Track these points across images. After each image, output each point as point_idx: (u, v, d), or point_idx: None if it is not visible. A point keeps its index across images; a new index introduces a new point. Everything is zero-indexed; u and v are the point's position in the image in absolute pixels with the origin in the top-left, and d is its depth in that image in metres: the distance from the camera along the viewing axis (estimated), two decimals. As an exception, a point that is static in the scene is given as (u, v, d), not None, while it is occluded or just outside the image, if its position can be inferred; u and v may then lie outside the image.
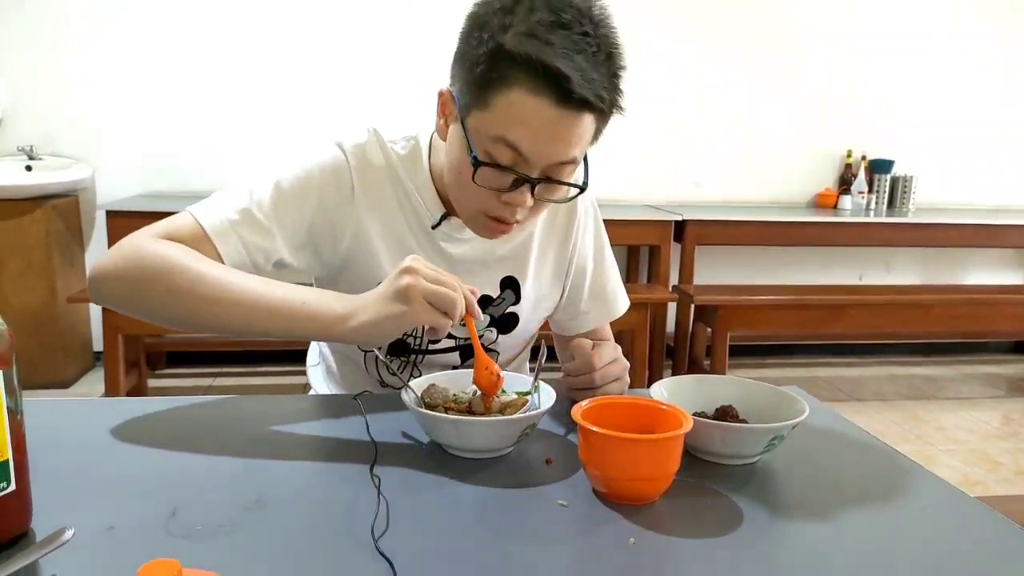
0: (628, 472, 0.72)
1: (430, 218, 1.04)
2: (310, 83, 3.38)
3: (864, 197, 3.80)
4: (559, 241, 1.14)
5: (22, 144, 3.23)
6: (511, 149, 0.86)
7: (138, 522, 0.67)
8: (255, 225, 0.95)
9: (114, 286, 0.90)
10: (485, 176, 0.89)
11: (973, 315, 3.48)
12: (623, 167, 3.70)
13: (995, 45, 3.90)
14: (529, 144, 0.86)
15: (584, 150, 0.91)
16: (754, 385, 0.92)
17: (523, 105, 0.84)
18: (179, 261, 0.88)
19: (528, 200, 0.90)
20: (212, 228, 0.93)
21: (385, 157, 1.04)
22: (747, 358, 3.89)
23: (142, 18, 3.26)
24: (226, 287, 0.87)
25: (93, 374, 3.36)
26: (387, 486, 0.74)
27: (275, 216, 0.96)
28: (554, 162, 0.88)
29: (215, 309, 0.87)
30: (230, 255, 0.94)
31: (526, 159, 0.87)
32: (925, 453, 2.83)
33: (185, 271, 0.87)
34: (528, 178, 0.88)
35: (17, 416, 0.62)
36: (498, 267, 1.10)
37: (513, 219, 0.93)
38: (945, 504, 0.78)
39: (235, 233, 0.94)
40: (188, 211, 0.96)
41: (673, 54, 3.66)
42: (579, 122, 0.86)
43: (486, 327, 1.12)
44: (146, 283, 0.88)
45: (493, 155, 0.87)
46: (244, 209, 0.95)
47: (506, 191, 0.89)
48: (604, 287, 1.20)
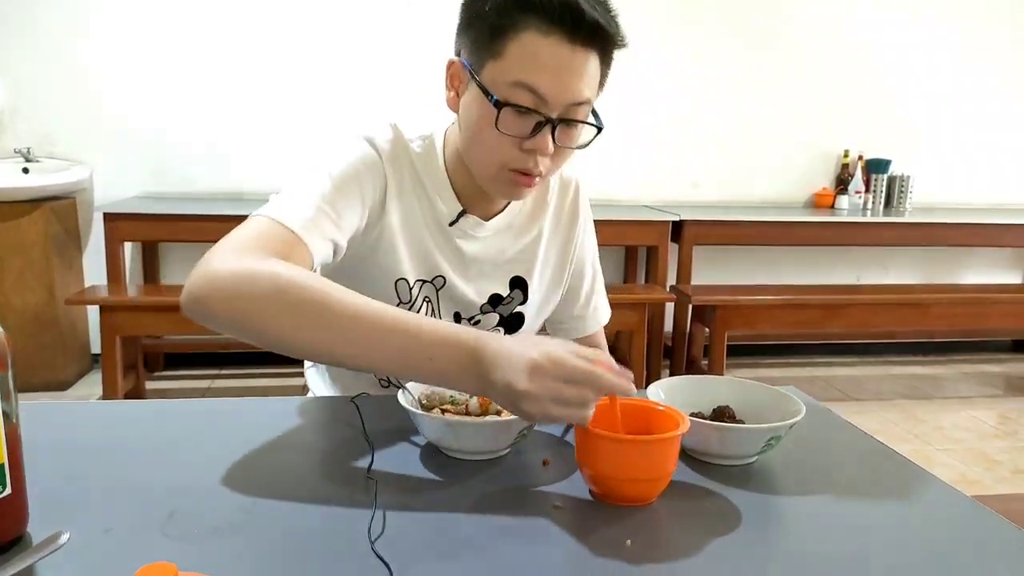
0: (624, 473, 0.72)
1: (447, 215, 1.05)
2: (308, 85, 3.38)
3: (861, 197, 3.80)
4: (562, 242, 1.17)
5: (20, 146, 3.23)
6: (530, 92, 0.89)
7: (135, 525, 0.67)
8: (328, 219, 0.92)
9: (222, 306, 0.78)
10: (507, 121, 0.91)
11: (971, 314, 3.49)
12: (620, 167, 3.70)
13: (992, 44, 3.90)
14: (547, 83, 0.88)
15: (595, 94, 0.94)
16: (751, 385, 0.92)
17: (536, 45, 0.87)
18: (300, 277, 0.78)
19: (549, 144, 0.92)
20: (302, 229, 0.88)
21: (407, 153, 1.04)
22: (745, 358, 3.90)
23: (140, 20, 3.26)
24: (359, 310, 0.77)
25: (91, 376, 3.35)
26: (383, 488, 0.74)
27: (338, 208, 0.94)
28: (571, 102, 0.91)
29: (339, 332, 0.76)
30: (320, 253, 0.90)
31: (545, 100, 0.89)
32: (923, 452, 2.83)
33: (309, 287, 0.78)
34: (549, 118, 0.90)
35: (12, 420, 0.62)
36: (508, 266, 1.12)
37: (536, 170, 0.94)
38: (942, 504, 0.78)
39: (317, 230, 0.90)
40: (266, 215, 0.88)
41: (670, 54, 3.66)
42: (589, 58, 0.90)
43: (495, 326, 1.13)
44: (262, 301, 0.77)
45: (513, 99, 0.89)
46: (317, 206, 0.91)
47: (527, 138, 0.91)
48: (598, 293, 1.24)
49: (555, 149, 0.93)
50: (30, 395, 2.98)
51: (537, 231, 1.13)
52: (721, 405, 0.89)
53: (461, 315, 1.11)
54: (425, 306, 1.09)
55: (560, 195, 1.16)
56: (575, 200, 1.18)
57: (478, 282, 1.10)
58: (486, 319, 1.12)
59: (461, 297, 1.09)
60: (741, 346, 3.90)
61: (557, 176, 1.15)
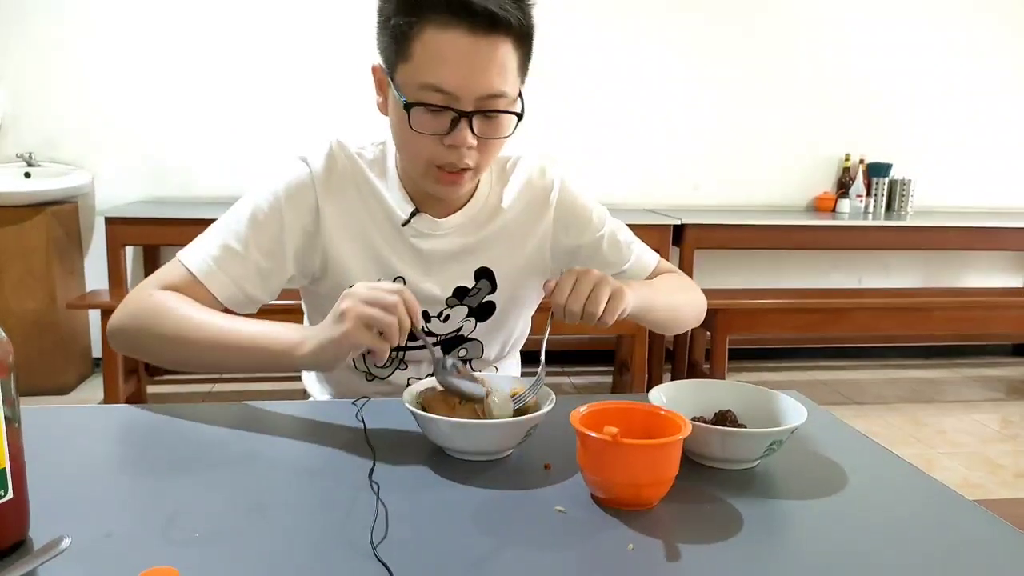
0: (626, 477, 0.72)
1: (400, 216, 1.06)
2: (307, 90, 3.39)
3: (862, 200, 3.80)
4: (536, 224, 1.14)
5: (21, 151, 3.23)
6: (438, 92, 0.90)
7: (136, 529, 0.67)
8: (236, 257, 1.01)
9: (121, 338, 0.99)
10: (420, 120, 0.92)
11: (972, 318, 3.48)
12: (621, 171, 3.70)
13: (992, 49, 3.91)
14: (453, 80, 0.89)
15: (514, 84, 0.94)
16: (753, 389, 0.92)
17: (437, 42, 0.89)
18: (168, 309, 0.96)
19: (468, 138, 0.93)
20: (199, 270, 1.00)
21: (350, 163, 1.07)
22: (746, 361, 3.89)
23: (141, 25, 3.27)
24: (203, 330, 0.94)
25: (92, 380, 3.35)
26: (385, 492, 0.74)
27: (254, 242, 1.02)
28: (482, 94, 0.91)
29: (201, 351, 0.94)
30: (221, 292, 1.00)
31: (455, 96, 0.90)
32: (925, 456, 2.83)
33: (172, 318, 0.95)
34: (462, 112, 0.91)
35: (15, 424, 0.62)
36: (471, 259, 1.11)
37: (462, 163, 0.95)
38: (945, 508, 0.78)
39: (220, 270, 1.00)
40: (177, 257, 1.02)
41: (670, 58, 3.67)
42: (496, 48, 0.90)
43: (464, 317, 1.13)
44: (144, 332, 0.97)
45: (423, 100, 0.91)
46: (223, 244, 1.01)
47: (446, 134, 0.93)
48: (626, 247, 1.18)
49: (479, 142, 0.94)
50: (31, 399, 2.98)
51: (501, 219, 1.12)
52: (723, 409, 0.89)
53: (429, 313, 1.11)
54: None
55: (528, 184, 1.14)
56: (545, 186, 1.14)
57: (442, 278, 1.10)
58: (454, 312, 1.12)
59: (425, 295, 1.08)
60: (743, 350, 3.89)
61: (522, 167, 1.15)
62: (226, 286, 1.00)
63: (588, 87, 3.57)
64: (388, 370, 1.13)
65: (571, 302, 0.91)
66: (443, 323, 1.12)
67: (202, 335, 0.94)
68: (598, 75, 3.57)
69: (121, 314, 0.99)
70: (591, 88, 3.57)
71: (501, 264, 1.12)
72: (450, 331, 1.13)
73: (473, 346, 1.15)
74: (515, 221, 1.13)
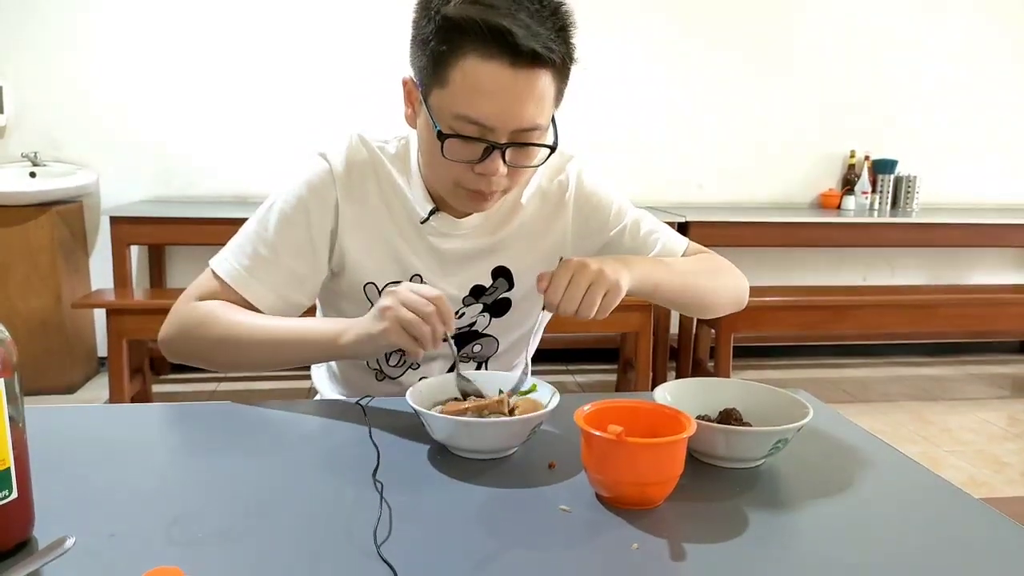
0: (631, 476, 0.72)
1: (420, 214, 1.06)
2: (312, 88, 3.38)
3: (868, 197, 3.79)
4: (554, 220, 1.13)
5: (26, 151, 3.24)
6: (474, 124, 0.89)
7: (140, 530, 0.67)
8: (269, 265, 1.02)
9: (173, 348, 1.03)
10: (453, 149, 0.91)
11: (978, 315, 3.47)
12: (626, 169, 3.69)
13: (998, 44, 3.89)
14: (490, 113, 0.88)
15: (548, 113, 0.93)
16: (758, 388, 0.91)
17: (477, 73, 0.86)
18: (215, 316, 0.99)
19: (500, 168, 0.92)
20: (234, 281, 1.02)
21: (372, 157, 1.07)
22: (751, 359, 3.88)
23: (146, 24, 3.27)
24: (248, 330, 0.98)
25: (98, 379, 3.36)
26: (389, 491, 0.74)
27: (284, 248, 1.03)
28: (518, 128, 0.90)
29: (250, 351, 0.99)
30: (260, 301, 1.02)
31: (491, 128, 0.89)
32: (931, 454, 2.82)
33: (221, 324, 0.99)
34: (495, 144, 0.90)
35: (19, 424, 0.62)
36: (489, 258, 1.11)
37: (490, 190, 0.95)
38: (951, 507, 0.77)
39: (254, 279, 1.02)
40: (211, 267, 1.05)
41: (676, 54, 3.66)
42: (535, 82, 0.88)
43: (479, 313, 1.13)
44: (195, 340, 1.01)
45: (457, 130, 0.89)
46: (255, 252, 1.02)
47: (477, 162, 0.92)
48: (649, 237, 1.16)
49: (509, 169, 0.93)
50: (36, 399, 2.99)
51: (519, 218, 1.11)
52: (728, 408, 0.88)
53: None
54: None
55: (544, 181, 1.13)
56: (563, 181, 1.13)
57: (459, 277, 1.10)
58: (470, 310, 1.12)
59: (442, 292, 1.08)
60: (747, 347, 3.89)
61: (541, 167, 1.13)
62: (264, 295, 1.02)
63: (593, 86, 3.56)
64: (399, 370, 1.13)
65: (565, 303, 0.91)
66: (458, 319, 1.12)
67: (251, 336, 0.98)
68: (602, 73, 3.57)
69: (169, 326, 1.03)
70: (595, 86, 3.56)
71: (518, 262, 1.12)
72: (463, 326, 1.13)
73: (488, 342, 1.15)
74: (532, 219, 1.12)
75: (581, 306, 0.91)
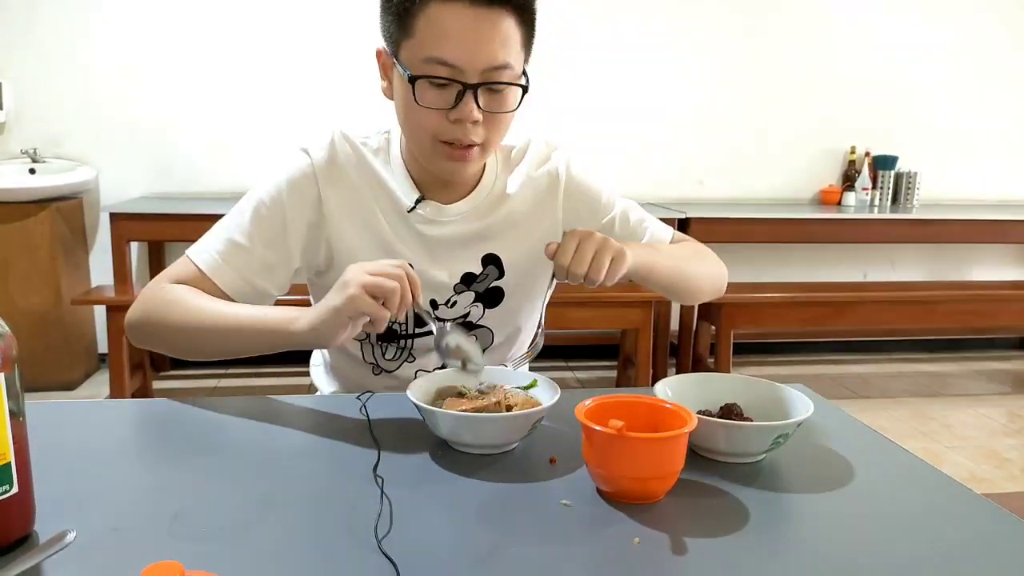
0: (632, 471, 0.72)
1: (406, 203, 1.07)
2: (312, 83, 3.38)
3: (868, 193, 3.78)
4: (544, 209, 1.14)
5: (26, 147, 3.24)
6: (441, 64, 0.91)
7: (141, 524, 0.67)
8: (241, 251, 1.03)
9: (136, 332, 1.02)
10: (426, 95, 0.93)
11: (979, 311, 3.47)
12: (626, 165, 3.69)
13: (998, 39, 3.88)
14: (456, 52, 0.90)
15: (517, 58, 0.95)
16: (758, 383, 0.91)
17: (440, 16, 0.90)
18: (176, 300, 0.98)
19: (474, 112, 0.93)
20: (206, 265, 1.02)
21: (354, 152, 1.08)
22: (751, 355, 3.88)
23: (145, 21, 3.27)
24: (208, 316, 0.96)
25: (98, 376, 3.36)
26: (390, 486, 0.74)
27: (258, 236, 1.03)
28: (487, 66, 0.92)
29: (207, 337, 0.97)
30: (229, 286, 1.02)
31: (460, 69, 0.91)
32: (932, 450, 2.82)
33: (180, 308, 0.98)
34: (466, 85, 0.92)
35: (19, 419, 0.62)
36: (478, 245, 1.11)
37: (468, 139, 0.96)
38: (952, 501, 0.77)
39: (226, 265, 1.02)
40: (186, 254, 1.04)
41: (677, 50, 3.65)
42: (499, 20, 0.91)
43: (472, 303, 1.13)
44: (156, 324, 1.00)
45: (426, 74, 0.92)
46: (229, 239, 1.03)
47: (451, 108, 0.93)
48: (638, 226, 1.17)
49: (484, 116, 0.95)
50: (37, 395, 2.99)
51: (508, 206, 1.12)
52: (728, 403, 0.88)
53: (437, 300, 1.11)
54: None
55: (534, 170, 1.14)
56: (552, 170, 1.14)
57: (448, 264, 1.10)
58: (462, 298, 1.12)
59: (432, 281, 1.09)
60: (748, 344, 3.89)
61: (529, 154, 1.15)
62: (233, 280, 1.02)
63: (593, 81, 3.56)
64: (395, 363, 1.14)
65: (574, 265, 0.92)
66: (450, 308, 1.12)
67: (206, 321, 0.96)
68: (603, 69, 3.56)
69: (135, 309, 1.02)
70: (596, 82, 3.56)
71: (508, 250, 1.12)
72: (457, 316, 1.13)
73: (482, 333, 1.15)
74: (522, 208, 1.13)
75: (590, 270, 0.92)
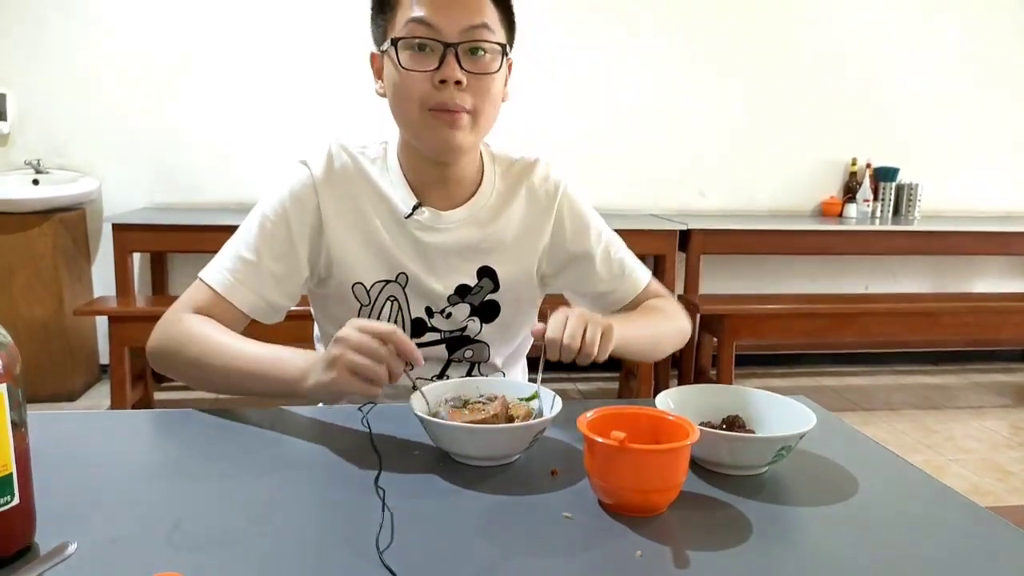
0: (634, 483, 0.71)
1: (403, 210, 1.08)
2: (315, 95, 3.40)
3: (869, 205, 3.79)
4: (538, 226, 1.15)
5: (30, 158, 3.25)
6: (421, 24, 0.96)
7: (141, 535, 0.67)
8: (251, 267, 1.04)
9: (157, 361, 1.03)
10: (408, 58, 0.97)
11: (981, 323, 3.46)
12: (627, 176, 3.70)
13: (999, 52, 3.89)
14: (434, 11, 0.95)
15: (496, 24, 0.99)
16: (761, 395, 0.91)
17: None
18: (193, 334, 0.99)
19: (456, 70, 0.96)
20: (219, 285, 1.03)
21: (352, 161, 1.10)
22: (754, 367, 3.88)
23: (148, 33, 3.29)
24: (220, 355, 0.96)
25: (99, 387, 3.36)
26: (391, 497, 0.74)
27: (265, 250, 1.05)
28: (466, 25, 0.96)
29: (218, 377, 0.97)
30: (244, 304, 1.03)
31: (438, 29, 0.96)
32: (935, 463, 2.81)
33: (196, 343, 0.98)
34: (447, 43, 0.96)
35: (21, 429, 0.62)
36: (474, 257, 1.12)
37: (453, 102, 0.98)
38: (955, 514, 0.77)
39: (238, 283, 1.03)
40: (199, 276, 1.05)
41: (677, 62, 3.67)
42: None
43: (467, 316, 1.13)
44: (175, 357, 1.00)
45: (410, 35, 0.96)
46: (239, 257, 1.04)
47: (435, 70, 0.96)
48: (620, 264, 1.19)
49: (469, 80, 0.97)
50: (38, 405, 2.98)
51: (505, 220, 1.12)
52: (731, 414, 0.88)
53: (432, 309, 1.11)
54: (389, 305, 1.10)
55: (531, 184, 1.15)
56: (548, 188, 1.16)
57: (444, 274, 1.10)
58: (456, 310, 1.12)
59: (427, 290, 1.10)
60: (750, 356, 3.88)
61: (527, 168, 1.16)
62: (246, 297, 1.03)
63: (594, 92, 3.57)
64: None
65: (568, 339, 0.91)
66: (445, 319, 1.12)
67: (219, 360, 0.96)
68: (604, 80, 3.58)
69: (154, 339, 1.03)
70: (597, 93, 3.57)
71: (504, 264, 1.13)
72: (454, 329, 1.13)
73: (479, 348, 1.15)
74: (519, 223, 1.14)
75: (584, 345, 0.91)
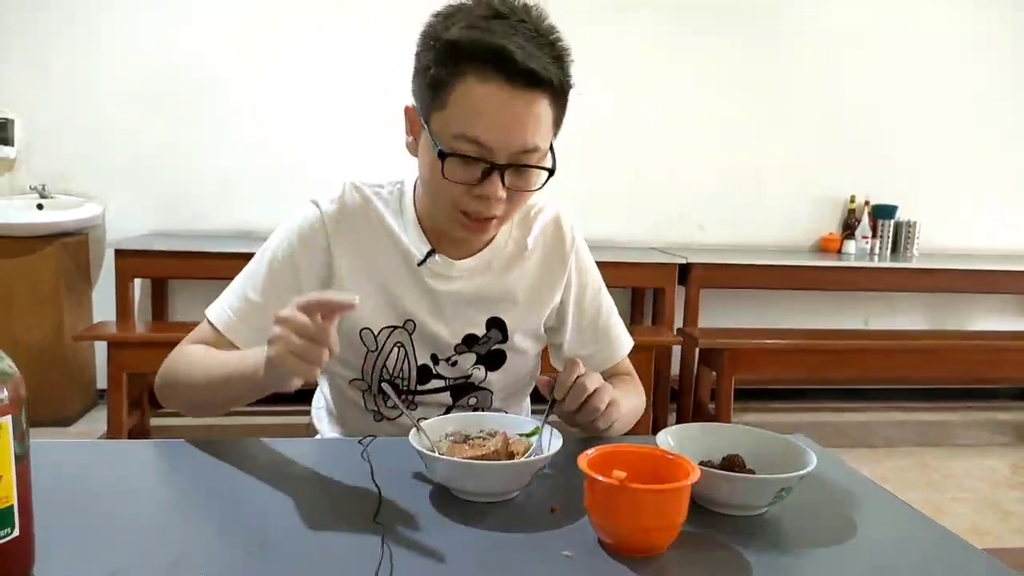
0: (634, 522, 0.71)
1: (416, 255, 1.06)
2: (321, 126, 3.44)
3: (868, 242, 3.81)
4: (550, 281, 1.14)
5: (35, 183, 3.28)
6: (473, 143, 0.90)
7: (140, 569, 0.66)
8: (255, 308, 1.03)
9: (161, 394, 1.05)
10: (453, 169, 0.92)
11: (980, 361, 3.46)
12: (627, 209, 3.73)
13: (997, 91, 3.95)
14: (489, 133, 0.90)
15: (547, 138, 0.95)
16: (761, 434, 0.91)
17: (475, 94, 0.89)
18: (186, 361, 1.00)
19: (499, 190, 0.93)
20: (222, 325, 1.04)
21: (365, 203, 1.08)
22: (753, 402, 3.86)
23: (155, 59, 3.33)
24: (205, 369, 0.97)
25: (95, 412, 3.34)
26: (391, 534, 0.74)
27: (272, 291, 1.03)
28: (517, 149, 0.91)
29: (202, 393, 0.99)
30: (245, 344, 1.02)
31: (490, 149, 0.90)
32: (933, 501, 2.79)
33: (185, 367, 1.00)
34: (495, 165, 0.91)
35: (24, 461, 0.62)
36: (484, 307, 1.11)
37: (489, 212, 0.96)
38: (954, 557, 0.77)
39: (241, 323, 1.03)
40: (205, 313, 1.06)
41: (677, 97, 3.71)
42: (533, 103, 0.90)
43: (473, 364, 1.12)
44: (171, 385, 1.02)
45: (457, 150, 0.91)
46: (244, 297, 1.04)
47: (476, 184, 0.93)
48: (606, 328, 1.20)
49: (509, 193, 0.95)
50: (34, 430, 2.96)
51: (519, 272, 1.11)
52: (731, 454, 0.88)
53: (438, 356, 1.11)
54: (396, 351, 1.09)
55: (546, 236, 1.14)
56: (563, 240, 1.15)
57: (453, 322, 1.09)
58: (462, 359, 1.11)
59: (435, 338, 1.09)
60: (749, 390, 3.87)
61: (542, 217, 1.15)
62: (248, 337, 1.01)
63: (594, 126, 3.61)
64: (397, 411, 1.13)
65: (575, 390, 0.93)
66: (451, 367, 1.11)
67: (202, 373, 0.97)
68: (604, 114, 3.62)
69: (159, 374, 1.04)
70: (597, 127, 3.61)
71: (514, 316, 1.12)
72: (459, 376, 1.12)
73: (483, 395, 1.15)
74: (533, 275, 1.13)
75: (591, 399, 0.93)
